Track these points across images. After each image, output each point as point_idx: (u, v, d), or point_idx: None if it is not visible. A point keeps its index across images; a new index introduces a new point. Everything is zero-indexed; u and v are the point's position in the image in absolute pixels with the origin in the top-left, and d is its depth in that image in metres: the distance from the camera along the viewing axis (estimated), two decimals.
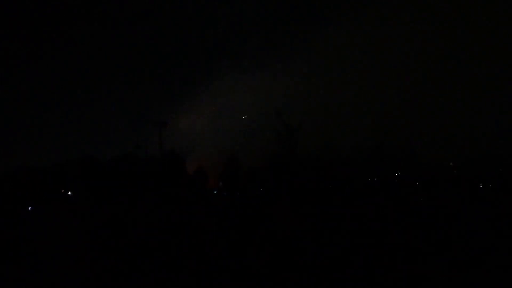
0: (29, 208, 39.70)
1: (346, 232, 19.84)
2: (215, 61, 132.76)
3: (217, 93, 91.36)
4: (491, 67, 68.86)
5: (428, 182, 55.81)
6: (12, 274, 13.31)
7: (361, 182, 55.30)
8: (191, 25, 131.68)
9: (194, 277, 11.83)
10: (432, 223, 23.21)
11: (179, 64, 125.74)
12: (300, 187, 50.58)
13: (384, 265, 13.07)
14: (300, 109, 75.52)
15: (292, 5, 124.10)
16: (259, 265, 12.63)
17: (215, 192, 58.88)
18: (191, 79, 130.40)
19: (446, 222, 23.51)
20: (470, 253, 14.54)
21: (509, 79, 68.29)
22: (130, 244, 17.90)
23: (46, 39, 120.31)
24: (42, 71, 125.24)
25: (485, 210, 29.59)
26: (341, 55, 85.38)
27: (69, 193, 46.36)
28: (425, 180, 56.88)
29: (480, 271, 12.12)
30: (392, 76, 79.20)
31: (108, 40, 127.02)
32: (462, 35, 72.90)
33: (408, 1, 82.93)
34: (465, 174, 57.83)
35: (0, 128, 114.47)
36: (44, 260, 15.27)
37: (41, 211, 37.86)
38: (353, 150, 62.36)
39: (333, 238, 18.07)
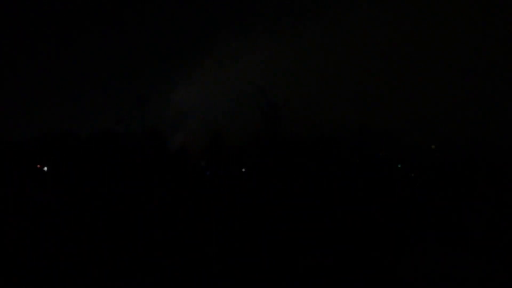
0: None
1: (331, 215, 19.57)
2: (205, 36, 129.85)
3: (204, 69, 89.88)
4: (474, 49, 69.02)
5: (410, 164, 56.35)
6: None
7: (344, 162, 55.29)
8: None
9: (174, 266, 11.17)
10: (414, 204, 23.26)
11: (167, 38, 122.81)
12: (283, 167, 50.32)
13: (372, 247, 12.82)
14: (285, 87, 74.94)
15: None
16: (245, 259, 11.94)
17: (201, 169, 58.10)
18: (178, 54, 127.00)
19: (428, 204, 23.57)
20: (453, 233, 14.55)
21: (492, 60, 68.59)
22: (106, 226, 17.27)
23: (23, 16, 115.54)
24: (19, 45, 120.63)
25: (466, 192, 29.94)
26: (328, 36, 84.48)
27: (45, 168, 44.88)
28: (408, 162, 57.39)
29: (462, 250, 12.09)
30: (377, 57, 78.96)
31: (90, 9, 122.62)
32: (446, 18, 72.78)
33: None
34: (446, 157, 58.34)
35: None
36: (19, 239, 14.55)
37: (16, 187, 36.64)
38: (337, 129, 62.12)
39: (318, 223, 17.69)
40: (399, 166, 58.51)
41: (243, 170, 55.61)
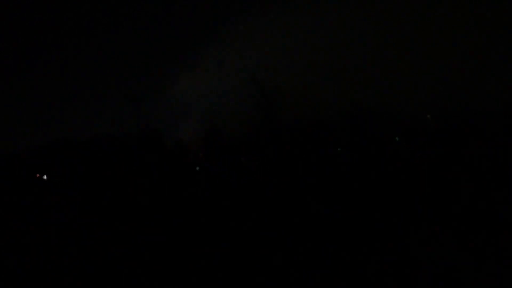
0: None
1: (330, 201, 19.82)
2: (198, 30, 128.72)
3: (198, 63, 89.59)
4: (467, 16, 68.20)
5: (409, 137, 56.16)
6: None
7: (341, 143, 55.41)
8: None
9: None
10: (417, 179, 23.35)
11: (160, 36, 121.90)
12: (282, 155, 50.45)
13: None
14: (278, 73, 74.74)
15: None
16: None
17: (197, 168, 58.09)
18: (171, 50, 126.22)
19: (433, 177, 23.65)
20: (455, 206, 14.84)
21: (484, 26, 67.72)
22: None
23: (14, 16, 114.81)
24: (9, 53, 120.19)
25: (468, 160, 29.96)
26: (319, 16, 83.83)
27: (44, 177, 45.27)
28: (406, 135, 57.18)
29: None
30: (367, 33, 78.19)
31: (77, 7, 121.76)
32: None
33: None
34: (444, 125, 58.09)
35: None
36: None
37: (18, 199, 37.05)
38: (330, 110, 61.98)
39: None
40: (396, 139, 58.41)
41: (242, 159, 55.82)
